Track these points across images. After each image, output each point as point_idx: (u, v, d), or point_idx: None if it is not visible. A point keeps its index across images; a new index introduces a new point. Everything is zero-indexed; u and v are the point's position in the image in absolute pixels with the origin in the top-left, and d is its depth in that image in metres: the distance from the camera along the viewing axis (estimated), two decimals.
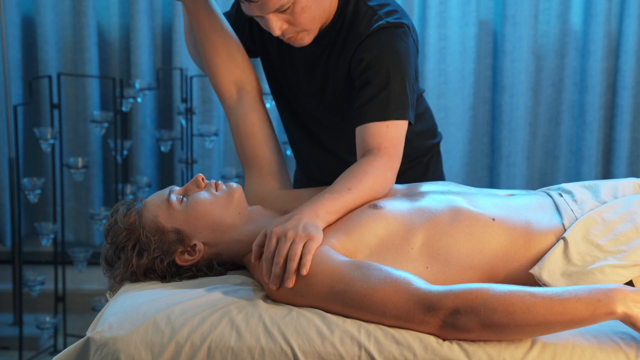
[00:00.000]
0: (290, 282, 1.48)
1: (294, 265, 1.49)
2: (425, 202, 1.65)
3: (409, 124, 1.87)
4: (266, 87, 2.56)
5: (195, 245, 1.65)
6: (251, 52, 2.10)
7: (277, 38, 1.97)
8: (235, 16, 2.07)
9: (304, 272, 1.47)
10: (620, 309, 1.31)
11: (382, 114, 1.82)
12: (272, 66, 2.06)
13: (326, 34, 1.90)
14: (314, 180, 2.19)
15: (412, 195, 1.70)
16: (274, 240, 1.55)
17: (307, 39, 1.85)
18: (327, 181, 1.83)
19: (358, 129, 1.83)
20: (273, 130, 1.99)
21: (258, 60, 3.23)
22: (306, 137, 2.12)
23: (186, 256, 1.65)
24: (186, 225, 1.65)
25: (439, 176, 2.22)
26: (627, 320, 1.31)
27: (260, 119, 1.97)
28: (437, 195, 1.68)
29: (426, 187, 1.76)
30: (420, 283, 1.40)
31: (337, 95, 1.96)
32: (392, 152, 1.80)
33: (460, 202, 1.65)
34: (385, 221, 1.60)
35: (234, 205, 1.69)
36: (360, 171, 1.75)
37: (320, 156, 2.12)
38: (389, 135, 1.81)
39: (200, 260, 1.66)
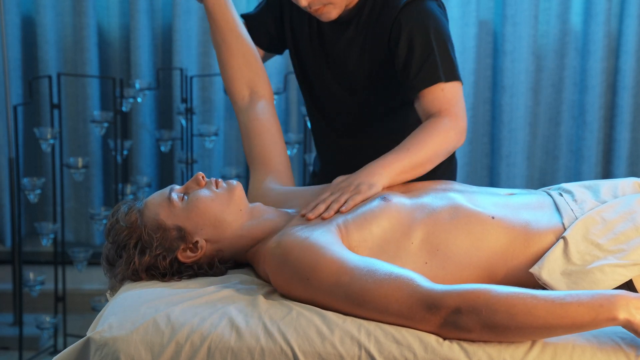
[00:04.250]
0: (327, 214, 1.64)
1: (335, 206, 1.66)
2: (426, 199, 1.67)
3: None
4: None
5: (197, 242, 1.66)
6: (277, 48, 2.18)
7: (307, 29, 2.05)
8: (262, 13, 2.13)
9: (343, 209, 1.64)
10: (622, 315, 1.31)
11: (434, 79, 1.89)
12: (301, 60, 2.12)
13: (355, 14, 1.97)
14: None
15: (414, 191, 1.72)
16: (327, 193, 1.72)
17: (333, 12, 1.90)
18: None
19: (416, 103, 1.91)
20: (281, 133, 2.04)
21: (271, 65, 3.24)
22: (334, 133, 2.15)
23: (188, 253, 1.66)
24: (187, 223, 1.66)
25: (448, 176, 2.21)
26: (629, 326, 1.31)
27: (269, 122, 2.02)
28: (438, 193, 1.70)
29: (428, 184, 1.78)
30: (423, 281, 1.40)
31: (374, 75, 2.00)
32: (453, 112, 1.88)
33: (460, 199, 1.66)
34: (390, 214, 1.61)
35: (234, 202, 1.70)
36: (422, 132, 1.85)
37: (350, 152, 2.16)
38: (446, 98, 1.89)
39: (202, 258, 1.67)
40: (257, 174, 1.97)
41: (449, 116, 1.87)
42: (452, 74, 1.90)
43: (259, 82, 2.05)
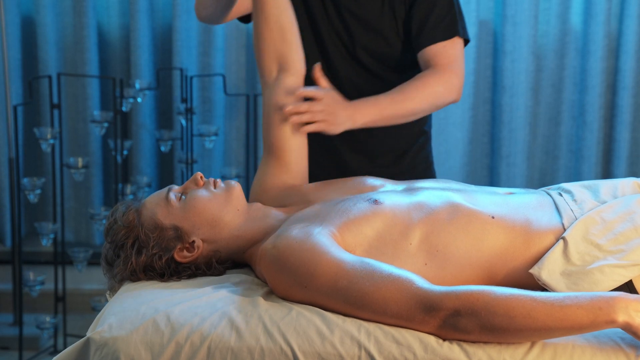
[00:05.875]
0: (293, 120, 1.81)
1: (301, 118, 1.81)
2: (423, 198, 1.65)
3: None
4: None
5: (193, 241, 1.65)
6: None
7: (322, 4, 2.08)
8: None
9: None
10: (621, 317, 1.30)
11: (451, 32, 2.01)
12: (318, 34, 2.12)
13: None
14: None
15: (411, 191, 1.70)
16: (305, 105, 1.82)
17: None
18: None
19: (421, 55, 2.01)
20: None
21: None
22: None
23: (185, 253, 1.65)
24: (184, 222, 1.65)
25: (423, 161, 2.23)
26: (629, 329, 1.31)
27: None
28: (435, 192, 1.67)
29: (425, 183, 1.76)
30: (422, 283, 1.40)
31: (389, 41, 2.07)
32: (451, 68, 1.99)
33: (459, 199, 1.64)
34: (384, 215, 1.59)
35: (232, 202, 1.69)
36: (411, 85, 1.95)
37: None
38: (448, 53, 2.00)
39: (199, 258, 1.66)
40: (268, 166, 1.89)
41: (444, 71, 1.96)
42: (464, 31, 2.04)
43: (291, 58, 1.91)
